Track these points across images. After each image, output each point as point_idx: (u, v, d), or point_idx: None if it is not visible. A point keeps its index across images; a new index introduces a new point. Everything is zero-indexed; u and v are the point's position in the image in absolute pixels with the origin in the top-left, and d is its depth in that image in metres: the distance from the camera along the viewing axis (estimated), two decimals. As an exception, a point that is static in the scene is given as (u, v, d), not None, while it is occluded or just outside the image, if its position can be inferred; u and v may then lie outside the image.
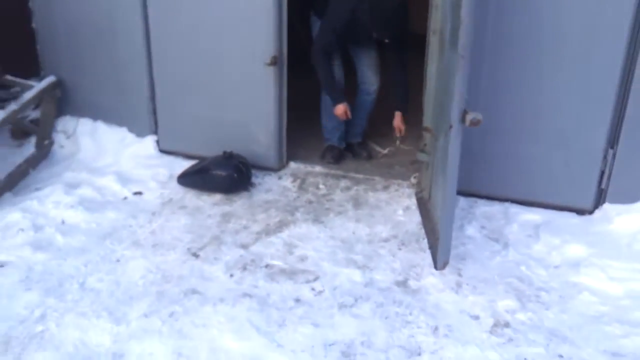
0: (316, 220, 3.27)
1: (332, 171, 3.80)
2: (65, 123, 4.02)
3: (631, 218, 3.11)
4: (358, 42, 3.63)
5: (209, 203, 3.42)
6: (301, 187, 3.62)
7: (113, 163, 3.82)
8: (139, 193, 3.53)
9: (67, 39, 3.88)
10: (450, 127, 2.51)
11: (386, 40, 3.51)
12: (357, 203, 3.45)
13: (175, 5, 3.57)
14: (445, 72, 2.80)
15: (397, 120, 3.74)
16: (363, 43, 3.64)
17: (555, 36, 3.05)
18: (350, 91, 3.82)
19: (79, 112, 4.00)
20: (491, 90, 3.21)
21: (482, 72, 3.17)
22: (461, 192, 3.37)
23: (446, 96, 2.65)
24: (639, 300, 2.63)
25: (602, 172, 3.21)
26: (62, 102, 3.99)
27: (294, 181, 3.69)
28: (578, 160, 3.22)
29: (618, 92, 3.05)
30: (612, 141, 3.14)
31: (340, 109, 3.60)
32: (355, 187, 3.63)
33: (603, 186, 3.22)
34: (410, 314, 2.56)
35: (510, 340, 2.41)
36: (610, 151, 3.16)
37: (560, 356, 2.33)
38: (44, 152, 3.84)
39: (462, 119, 2.49)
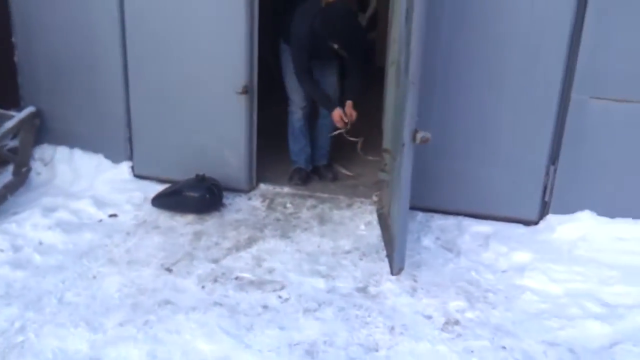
0: (283, 236, 3.48)
1: (299, 191, 4.03)
2: (43, 151, 4.17)
3: (572, 227, 3.41)
4: (320, 58, 3.86)
5: (182, 223, 3.61)
6: (270, 207, 3.84)
7: (89, 188, 3.99)
8: (114, 215, 3.70)
9: (47, 71, 4.08)
10: (403, 145, 2.79)
11: (344, 54, 3.79)
12: (322, 220, 3.68)
13: (152, 39, 3.80)
14: (400, 98, 3.09)
15: (348, 107, 3.84)
16: (325, 63, 3.91)
17: (498, 67, 3.37)
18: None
19: (57, 140, 4.17)
20: (444, 114, 3.50)
21: (434, 98, 3.47)
22: (419, 208, 3.66)
23: (401, 119, 2.93)
24: (576, 298, 2.89)
25: (545, 187, 3.51)
26: (40, 131, 4.15)
27: (263, 201, 3.91)
28: (523, 176, 3.52)
29: (556, 117, 3.38)
30: (553, 158, 3.46)
31: (336, 114, 3.78)
32: (320, 206, 3.86)
33: (546, 199, 3.52)
34: (369, 316, 2.77)
35: (459, 335, 2.64)
36: (552, 167, 3.47)
37: (504, 347, 2.56)
38: (21, 179, 3.99)
39: (413, 138, 2.76)
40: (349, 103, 3.87)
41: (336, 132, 3.91)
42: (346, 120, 3.79)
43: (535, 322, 2.73)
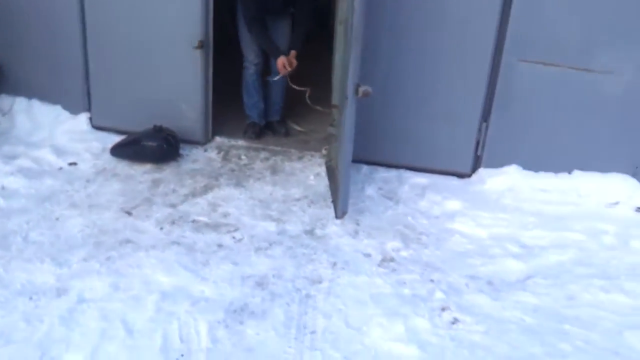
0: (238, 184, 3.72)
1: (254, 145, 4.27)
2: (2, 101, 4.25)
3: (500, 179, 3.77)
4: (272, 13, 4.03)
5: (140, 171, 3.80)
6: (225, 158, 4.06)
7: (48, 138, 4.11)
8: (74, 164, 3.85)
9: (5, 23, 4.11)
10: (347, 98, 3.04)
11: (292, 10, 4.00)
12: (274, 171, 3.93)
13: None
14: (347, 56, 3.32)
15: (291, 56, 4.00)
16: (277, 18, 4.08)
17: (437, 31, 3.64)
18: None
19: (15, 91, 4.24)
20: (387, 74, 3.77)
21: (381, 57, 3.74)
22: (364, 161, 3.96)
23: (345, 74, 3.18)
24: (498, 240, 3.26)
25: (478, 142, 3.85)
26: (-2, 81, 4.23)
27: (218, 153, 4.12)
28: (458, 132, 3.84)
29: (488, 77, 3.69)
30: (485, 116, 3.79)
31: (279, 62, 3.96)
32: (273, 158, 4.11)
33: (479, 154, 3.87)
34: (315, 254, 3.07)
35: (394, 270, 2.97)
36: (484, 124, 3.80)
37: (432, 280, 2.90)
38: (-21, 128, 4.07)
39: (356, 91, 3.02)
40: (292, 52, 4.04)
41: (277, 77, 4.11)
42: (288, 69, 3.98)
43: (461, 260, 3.09)
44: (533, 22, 3.53)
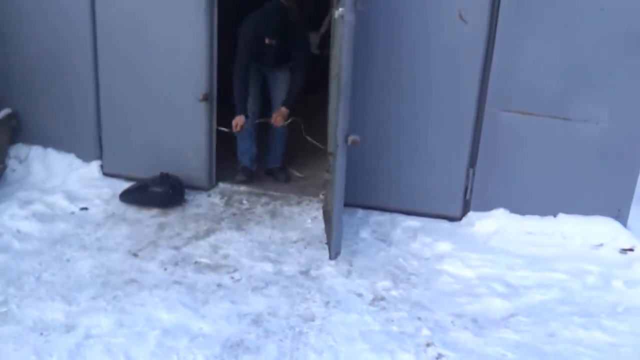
0: (239, 228, 3.93)
1: (255, 190, 4.50)
2: (19, 150, 4.53)
3: (488, 222, 3.96)
4: (268, 65, 4.31)
5: (147, 216, 4.02)
6: (227, 203, 4.28)
7: (61, 184, 4.36)
8: (85, 208, 4.08)
9: (23, 75, 4.44)
10: (337, 146, 3.28)
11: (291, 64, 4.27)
12: (274, 214, 4.14)
13: (122, 47, 4.22)
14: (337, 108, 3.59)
15: (279, 111, 4.25)
16: (276, 71, 4.36)
17: (426, 83, 3.91)
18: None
19: (32, 140, 4.53)
20: (380, 122, 4.03)
21: (371, 108, 4.00)
22: (360, 205, 4.17)
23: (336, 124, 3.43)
24: (485, 280, 3.42)
25: (466, 187, 4.06)
26: (16, 131, 4.52)
27: (221, 198, 4.35)
28: (448, 178, 4.06)
29: (474, 126, 3.94)
30: (472, 162, 4.01)
31: (236, 119, 4.18)
32: (273, 203, 4.33)
33: (467, 198, 4.07)
34: (309, 293, 3.24)
35: (383, 308, 3.13)
36: (471, 170, 4.02)
37: (419, 318, 3.06)
38: (-2, 175, 4.34)
39: (346, 140, 3.27)
40: (282, 109, 4.28)
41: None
42: (238, 129, 4.20)
43: (448, 299, 3.25)
44: (512, 74, 3.80)
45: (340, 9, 3.20)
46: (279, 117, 4.29)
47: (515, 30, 3.75)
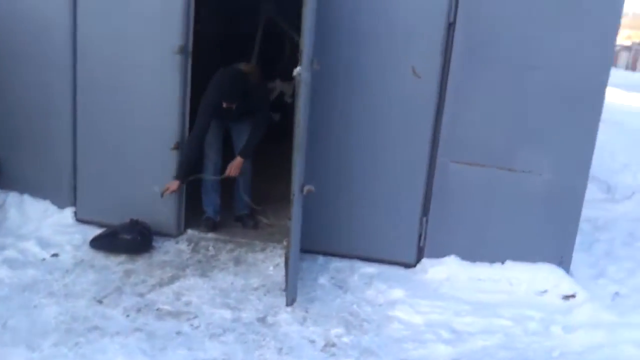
0: (203, 274, 4.10)
1: (221, 237, 4.69)
2: (-4, 196, 4.72)
3: (440, 269, 4.17)
4: (231, 118, 4.51)
5: (115, 262, 4.19)
6: (194, 250, 4.47)
7: (35, 230, 4.53)
8: (56, 255, 4.25)
9: (1, 122, 4.66)
10: (294, 195, 3.51)
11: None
12: (238, 261, 4.33)
13: (99, 94, 4.44)
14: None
15: (235, 162, 4.46)
16: (240, 126, 4.58)
17: (380, 135, 4.17)
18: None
19: (10, 186, 4.72)
20: (339, 170, 4.26)
21: (330, 156, 4.24)
22: (320, 252, 4.37)
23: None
24: (432, 327, 3.61)
25: (420, 235, 4.27)
26: (-4, 176, 4.72)
27: (188, 245, 4.53)
28: (402, 226, 4.28)
29: (426, 176, 4.19)
30: (425, 211, 4.24)
31: (170, 183, 4.28)
32: (238, 249, 4.52)
33: (421, 245, 4.28)
34: (264, 340, 3.40)
35: (333, 355, 3.30)
36: (424, 218, 4.25)
37: (366, 364, 3.23)
38: (-27, 221, 4.50)
39: (301, 190, 3.50)
40: (237, 159, 4.49)
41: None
42: (168, 193, 4.30)
43: (396, 345, 3.42)
44: (461, 126, 4.07)
45: (298, 68, 3.46)
46: (233, 167, 4.50)
47: (464, 86, 4.04)
